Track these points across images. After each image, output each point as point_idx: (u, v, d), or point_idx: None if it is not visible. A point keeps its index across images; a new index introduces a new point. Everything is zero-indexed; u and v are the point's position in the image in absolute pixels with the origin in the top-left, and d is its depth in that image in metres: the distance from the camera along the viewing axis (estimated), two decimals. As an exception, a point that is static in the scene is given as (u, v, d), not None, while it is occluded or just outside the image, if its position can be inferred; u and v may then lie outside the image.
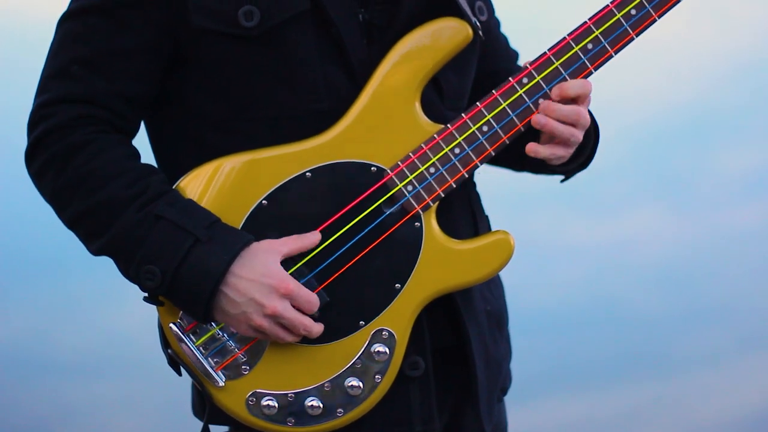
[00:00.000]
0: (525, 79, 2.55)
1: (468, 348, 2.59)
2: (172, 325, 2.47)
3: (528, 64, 2.55)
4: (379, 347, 2.49)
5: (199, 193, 2.47)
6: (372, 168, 2.50)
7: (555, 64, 2.55)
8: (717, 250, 5.89)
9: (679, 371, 5.73)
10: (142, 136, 2.62)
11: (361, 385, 2.48)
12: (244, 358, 2.47)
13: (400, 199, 2.50)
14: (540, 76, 2.55)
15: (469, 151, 2.53)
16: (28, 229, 5.50)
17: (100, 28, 2.48)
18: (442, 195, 2.52)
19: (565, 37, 2.55)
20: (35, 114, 2.50)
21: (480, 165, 2.54)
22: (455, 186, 2.53)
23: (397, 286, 2.49)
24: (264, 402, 2.47)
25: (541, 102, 2.55)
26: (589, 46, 2.56)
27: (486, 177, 2.76)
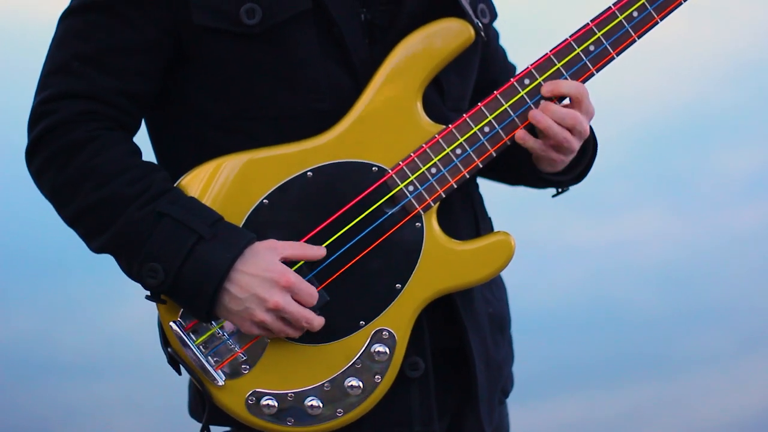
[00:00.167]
0: (526, 80, 2.55)
1: (468, 349, 2.59)
2: (172, 323, 2.46)
3: (529, 64, 2.55)
4: (379, 347, 2.48)
5: (200, 191, 2.46)
6: (373, 168, 2.50)
7: (557, 65, 2.55)
8: (717, 250, 5.88)
9: (680, 371, 5.73)
10: (143, 135, 2.62)
11: (360, 385, 2.48)
12: (244, 358, 2.46)
13: (401, 199, 2.50)
14: (541, 77, 2.54)
15: (470, 152, 2.53)
16: (28, 229, 5.49)
17: (102, 25, 2.48)
18: (443, 195, 2.52)
19: (567, 38, 2.55)
20: (36, 110, 2.49)
21: (482, 166, 2.54)
22: (456, 186, 2.53)
23: (397, 286, 2.49)
24: (264, 401, 2.47)
25: (542, 103, 2.54)
26: (591, 48, 2.55)
27: (486, 177, 2.77)
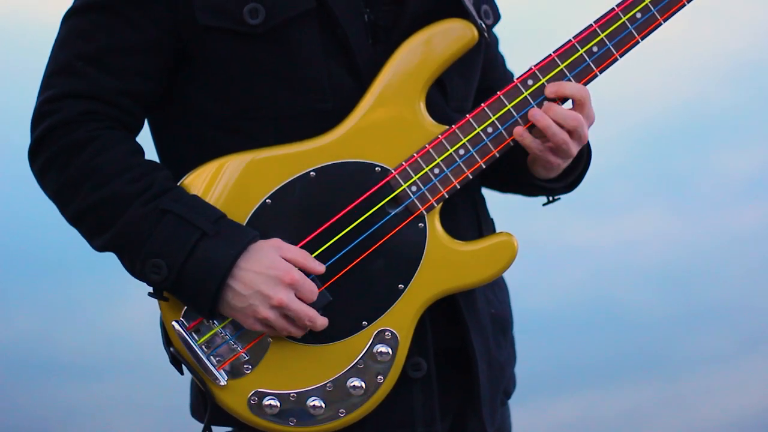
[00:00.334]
0: (530, 81, 2.54)
1: (470, 350, 2.59)
2: (174, 323, 2.46)
3: (533, 65, 2.55)
4: (381, 348, 2.48)
5: (203, 190, 2.47)
6: (376, 168, 2.50)
7: (560, 66, 2.54)
8: (717, 250, 5.88)
9: (680, 371, 5.73)
10: (146, 135, 2.62)
11: (363, 385, 2.48)
12: (247, 357, 2.46)
13: (404, 199, 2.50)
14: (545, 78, 2.54)
15: (473, 153, 2.53)
16: (29, 230, 5.49)
17: (105, 25, 2.48)
18: (446, 196, 2.52)
19: (570, 39, 2.55)
20: (39, 110, 2.49)
21: (485, 166, 2.53)
22: (459, 187, 2.53)
23: (400, 286, 2.49)
24: (266, 401, 2.47)
25: (545, 103, 2.54)
26: (594, 49, 2.55)
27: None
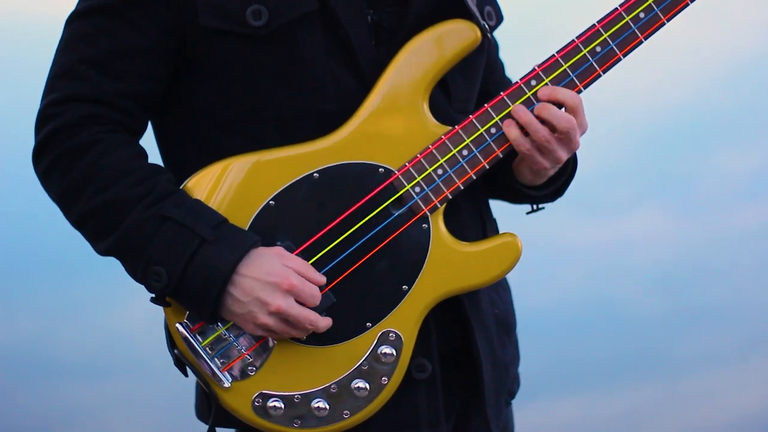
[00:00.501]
0: (533, 81, 2.54)
1: (475, 350, 2.59)
2: (178, 325, 2.46)
3: (536, 66, 2.55)
4: (385, 349, 2.48)
5: (206, 193, 2.46)
6: (380, 169, 2.50)
7: (563, 67, 2.54)
8: (717, 251, 5.89)
9: (680, 371, 5.73)
10: (149, 136, 2.62)
11: (367, 386, 2.48)
12: (251, 359, 2.46)
13: (407, 200, 2.50)
14: (548, 79, 2.54)
15: (476, 153, 2.53)
16: (30, 230, 5.49)
17: (107, 28, 2.48)
18: (450, 197, 2.52)
19: (573, 39, 2.55)
20: (43, 113, 2.49)
21: (488, 167, 2.53)
22: (462, 188, 2.53)
23: (404, 287, 2.49)
24: (270, 403, 2.47)
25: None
26: (598, 49, 2.55)
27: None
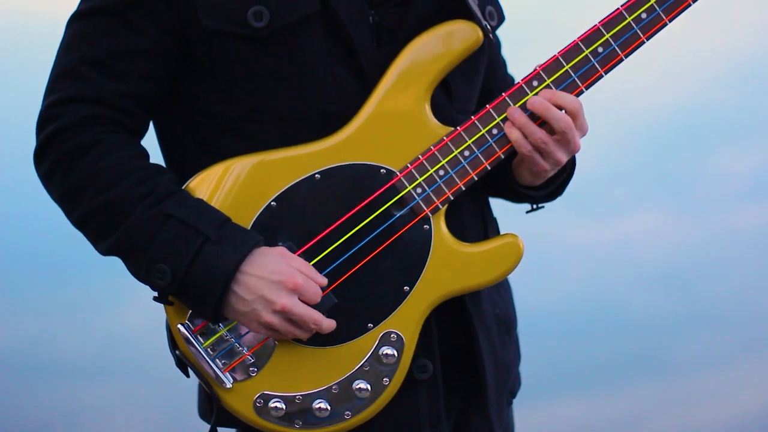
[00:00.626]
0: (534, 82, 2.54)
1: (477, 351, 2.59)
2: (180, 326, 2.46)
3: (538, 66, 2.55)
4: (387, 350, 2.48)
5: (208, 193, 2.47)
6: (381, 170, 2.50)
7: (565, 67, 2.54)
8: (717, 250, 5.89)
9: (680, 371, 5.73)
10: (151, 137, 2.62)
11: (368, 387, 2.48)
12: (252, 360, 2.46)
13: (409, 201, 2.50)
14: (550, 79, 2.54)
15: (478, 154, 2.53)
16: (31, 230, 5.49)
17: (109, 29, 2.48)
18: (451, 197, 2.52)
19: (575, 39, 2.54)
20: (44, 114, 2.49)
21: (490, 168, 2.53)
22: (464, 189, 2.53)
23: (405, 288, 2.49)
24: (272, 404, 2.47)
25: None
26: (600, 50, 2.54)
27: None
